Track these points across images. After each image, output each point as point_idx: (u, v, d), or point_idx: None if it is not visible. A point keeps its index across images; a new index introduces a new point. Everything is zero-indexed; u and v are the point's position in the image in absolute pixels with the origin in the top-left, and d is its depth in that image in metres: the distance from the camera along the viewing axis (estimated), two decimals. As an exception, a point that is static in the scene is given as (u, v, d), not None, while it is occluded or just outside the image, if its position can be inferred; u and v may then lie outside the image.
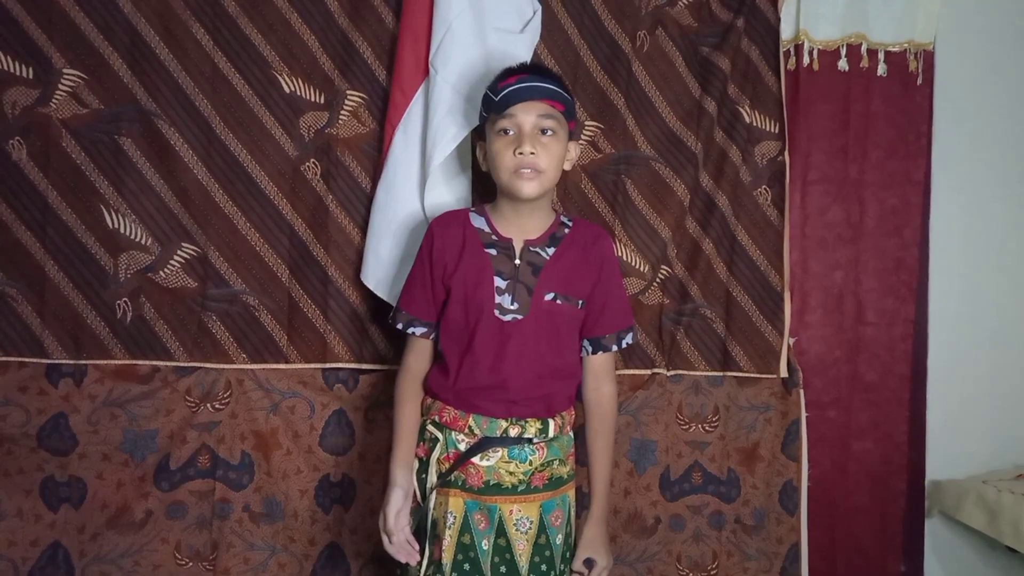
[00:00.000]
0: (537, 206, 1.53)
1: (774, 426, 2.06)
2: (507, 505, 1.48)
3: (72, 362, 1.76)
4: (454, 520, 1.47)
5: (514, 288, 1.49)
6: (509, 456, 1.48)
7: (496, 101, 1.48)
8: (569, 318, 1.54)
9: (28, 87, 1.74)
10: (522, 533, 1.48)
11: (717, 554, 2.04)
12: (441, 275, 1.52)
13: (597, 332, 1.58)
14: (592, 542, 1.54)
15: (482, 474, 1.48)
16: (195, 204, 1.80)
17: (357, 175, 1.86)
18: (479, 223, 1.55)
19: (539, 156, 1.45)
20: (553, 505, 1.51)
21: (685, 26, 2.01)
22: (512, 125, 1.47)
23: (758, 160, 2.06)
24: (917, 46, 2.14)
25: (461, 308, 1.50)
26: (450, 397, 1.51)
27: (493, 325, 1.48)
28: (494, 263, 1.50)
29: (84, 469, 1.76)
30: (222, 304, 1.82)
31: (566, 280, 1.52)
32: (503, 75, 1.52)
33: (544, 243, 1.54)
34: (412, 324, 1.56)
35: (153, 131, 1.77)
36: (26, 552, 1.74)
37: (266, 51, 1.81)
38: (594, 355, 1.59)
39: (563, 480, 1.54)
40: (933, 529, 2.26)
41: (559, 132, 1.49)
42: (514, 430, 1.48)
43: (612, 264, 1.60)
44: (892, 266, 2.15)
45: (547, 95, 1.47)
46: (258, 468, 1.84)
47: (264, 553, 1.84)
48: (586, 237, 1.58)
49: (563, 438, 1.56)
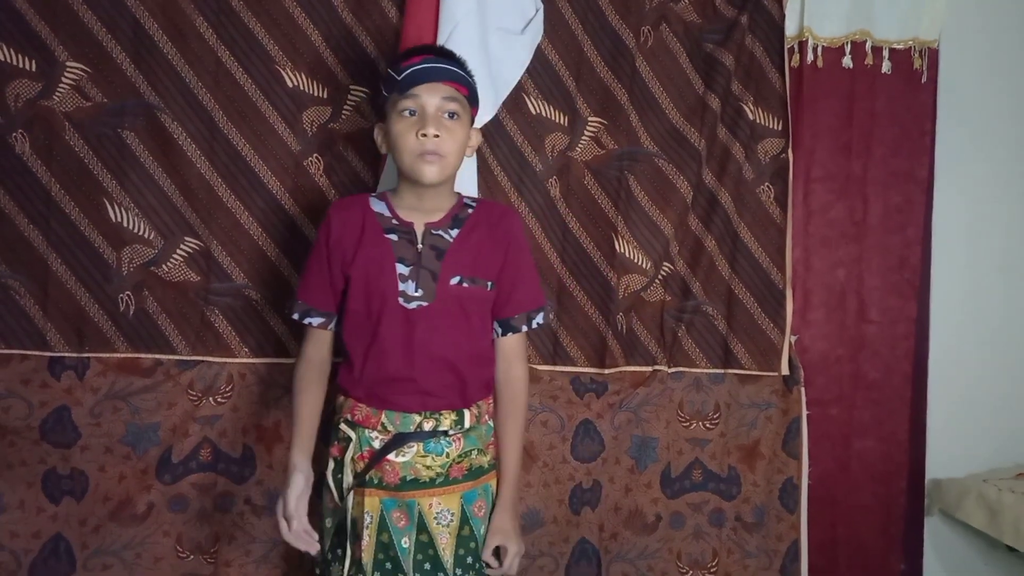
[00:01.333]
0: (440, 190, 1.48)
1: (775, 424, 2.07)
2: (426, 499, 1.43)
3: (75, 355, 1.76)
4: (371, 520, 1.42)
5: (417, 274, 1.43)
6: (425, 450, 1.44)
7: (400, 80, 1.41)
8: (479, 301, 1.48)
9: (31, 80, 1.73)
10: (443, 527, 1.44)
11: (717, 551, 2.05)
12: (340, 263, 1.46)
13: (507, 313, 1.52)
14: (501, 528, 1.49)
15: (398, 470, 1.43)
16: (198, 198, 1.80)
17: (359, 170, 1.86)
18: (379, 208, 1.49)
19: (443, 139, 1.40)
20: (475, 495, 1.47)
21: (689, 22, 2.01)
22: (415, 106, 1.40)
23: (761, 157, 2.05)
24: (922, 44, 2.13)
25: (363, 298, 1.45)
26: (360, 393, 1.45)
27: (398, 314, 1.42)
28: (395, 249, 1.44)
29: (86, 462, 1.76)
30: (224, 298, 1.82)
31: (472, 262, 1.46)
32: (406, 55, 1.46)
33: (447, 225, 1.47)
34: (309, 314, 1.50)
35: (156, 125, 1.77)
36: (28, 544, 1.74)
37: (270, 45, 1.81)
38: (504, 337, 1.53)
39: (484, 469, 1.50)
40: (933, 527, 2.27)
41: (463, 116, 1.44)
42: (428, 424, 1.44)
43: (520, 243, 1.53)
44: (895, 264, 2.15)
45: (452, 77, 1.42)
46: (260, 461, 1.84)
47: (265, 546, 1.85)
48: (491, 216, 1.51)
49: (481, 427, 1.51)
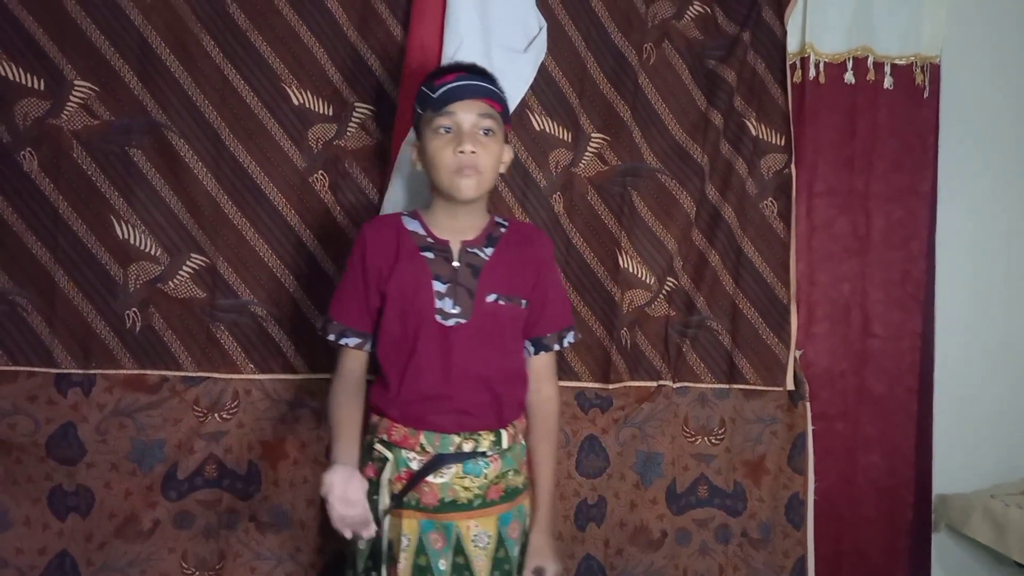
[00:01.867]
0: (474, 207, 1.47)
1: (780, 439, 2.06)
2: (464, 522, 1.42)
3: (81, 371, 1.77)
4: (408, 542, 1.40)
5: (455, 291, 1.43)
6: (464, 471, 1.42)
7: (434, 98, 1.41)
8: (513, 319, 1.48)
9: (40, 99, 1.75)
10: (481, 549, 1.42)
11: (724, 568, 2.04)
12: (376, 281, 1.45)
13: (538, 332, 1.52)
14: (540, 550, 1.50)
15: (436, 492, 1.41)
16: (204, 215, 1.81)
17: (365, 187, 1.87)
18: (413, 226, 1.48)
19: (479, 155, 1.40)
20: (510, 517, 1.47)
21: (691, 39, 2.02)
22: (451, 123, 1.40)
23: (764, 172, 2.06)
24: (923, 59, 2.14)
25: (398, 316, 1.44)
26: (396, 413, 1.44)
27: (435, 331, 1.41)
28: (431, 267, 1.44)
29: (92, 478, 1.76)
30: (230, 314, 1.83)
31: (507, 280, 1.46)
32: (439, 72, 1.47)
33: (482, 244, 1.48)
34: (345, 335, 1.47)
35: (163, 143, 1.78)
36: (33, 560, 1.74)
37: (275, 63, 1.82)
38: (536, 355, 1.54)
39: (519, 490, 1.49)
40: (940, 543, 2.25)
41: (497, 133, 1.44)
42: (468, 444, 1.42)
43: (551, 262, 1.55)
44: (898, 278, 2.15)
45: (487, 94, 1.43)
46: (265, 478, 1.84)
47: (270, 563, 1.85)
48: (523, 236, 1.53)
49: (516, 447, 1.50)
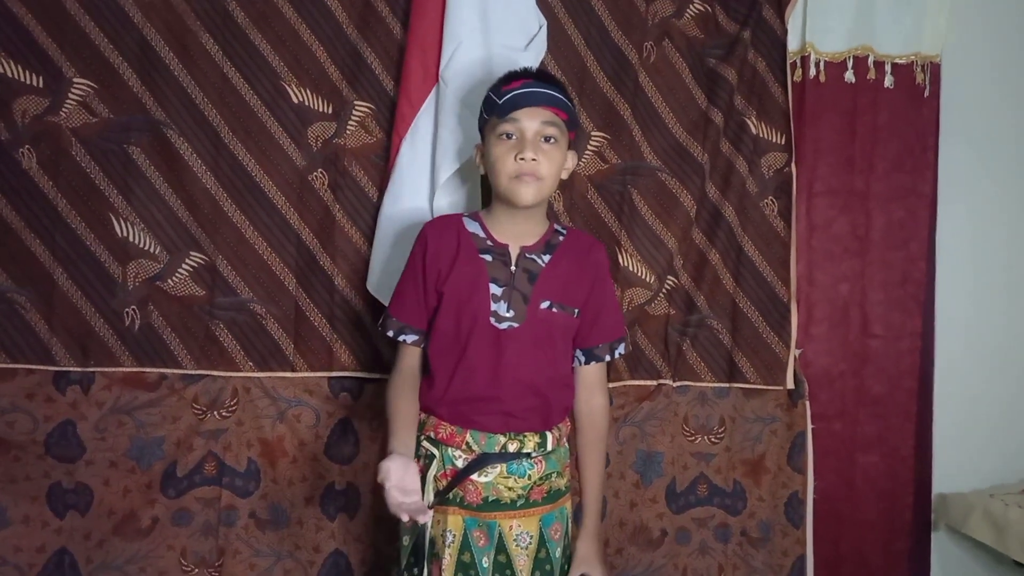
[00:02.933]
0: (533, 213, 1.50)
1: (780, 438, 2.06)
2: (507, 521, 1.45)
3: (80, 369, 1.77)
4: (453, 539, 1.43)
5: (510, 295, 1.45)
6: (508, 471, 1.45)
7: (500, 104, 1.44)
8: (564, 327, 1.50)
9: (38, 96, 1.75)
10: (522, 548, 1.45)
11: (723, 567, 2.04)
12: (435, 280, 1.48)
13: (591, 342, 1.55)
14: (587, 558, 1.52)
15: (480, 490, 1.44)
16: (203, 213, 1.81)
17: (364, 185, 1.87)
18: (474, 228, 1.51)
19: (540, 163, 1.42)
20: (552, 518, 1.49)
21: (692, 37, 2.02)
22: (515, 130, 1.43)
23: (764, 171, 2.06)
24: (924, 58, 2.14)
25: (453, 316, 1.46)
26: (444, 412, 1.46)
27: (488, 333, 1.44)
28: (489, 269, 1.46)
29: (91, 476, 1.76)
30: (229, 312, 1.83)
31: (562, 288, 1.49)
32: (507, 78, 1.48)
33: (540, 250, 1.50)
34: (404, 331, 1.51)
35: (162, 140, 1.78)
36: (32, 558, 1.74)
37: (275, 62, 1.82)
38: (587, 365, 1.56)
39: (561, 492, 1.52)
40: (940, 543, 2.25)
41: (560, 140, 1.46)
42: (513, 445, 1.45)
43: (606, 273, 1.57)
44: (898, 279, 2.15)
45: (552, 102, 1.44)
46: (264, 475, 1.85)
47: (269, 560, 1.85)
48: (581, 246, 1.55)
49: (560, 450, 1.53)
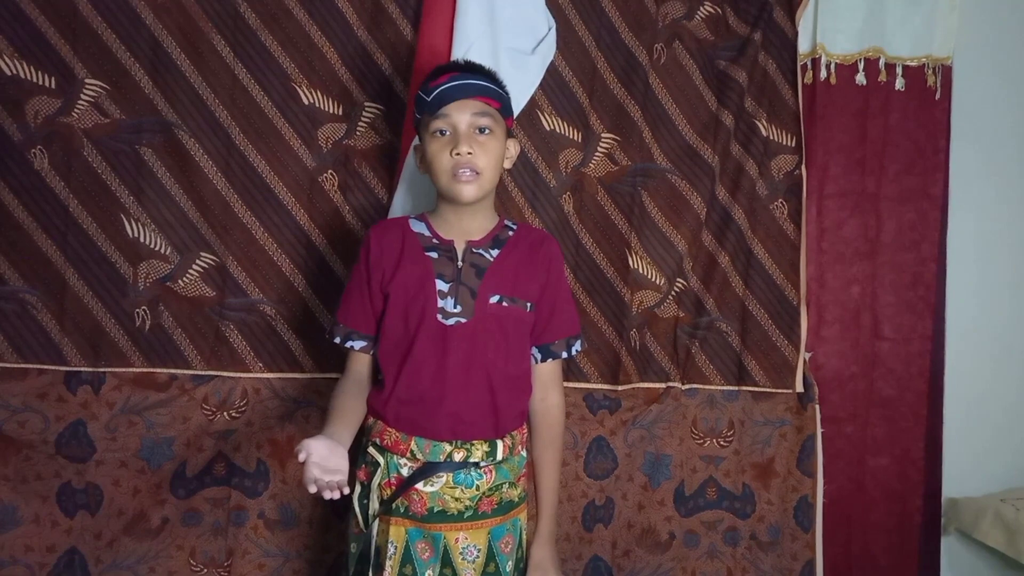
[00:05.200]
0: (479, 208, 1.46)
1: (789, 441, 2.05)
2: (452, 533, 1.38)
3: (91, 369, 1.77)
4: (395, 550, 1.37)
5: (457, 290, 1.41)
6: (455, 481, 1.38)
7: (428, 101, 1.40)
8: (517, 322, 1.44)
9: (51, 97, 1.75)
10: (469, 562, 1.38)
11: (732, 571, 2.03)
12: (380, 282, 1.44)
13: (547, 339, 1.50)
14: (541, 564, 1.47)
15: (426, 501, 1.38)
16: (214, 214, 1.81)
17: (374, 186, 1.87)
18: (419, 228, 1.47)
19: (476, 156, 1.38)
20: (503, 531, 1.42)
21: (702, 39, 2.01)
22: (447, 125, 1.39)
23: (775, 173, 2.05)
24: (935, 61, 2.13)
25: (400, 316, 1.42)
26: (390, 415, 1.41)
27: (435, 330, 1.39)
28: (435, 266, 1.42)
29: (101, 476, 1.77)
30: (239, 313, 1.83)
31: (512, 282, 1.44)
32: (434, 74, 1.44)
33: (487, 245, 1.46)
34: (350, 337, 1.47)
35: (173, 142, 1.79)
36: (43, 558, 1.75)
37: (286, 63, 1.83)
38: (543, 363, 1.51)
39: (514, 503, 1.45)
40: (950, 547, 2.24)
41: (496, 130, 1.42)
42: (459, 454, 1.39)
43: (560, 267, 1.51)
44: (909, 281, 2.14)
45: (481, 92, 1.40)
46: (273, 476, 1.85)
47: (278, 560, 1.85)
48: (532, 239, 1.50)
49: (513, 459, 1.45)
